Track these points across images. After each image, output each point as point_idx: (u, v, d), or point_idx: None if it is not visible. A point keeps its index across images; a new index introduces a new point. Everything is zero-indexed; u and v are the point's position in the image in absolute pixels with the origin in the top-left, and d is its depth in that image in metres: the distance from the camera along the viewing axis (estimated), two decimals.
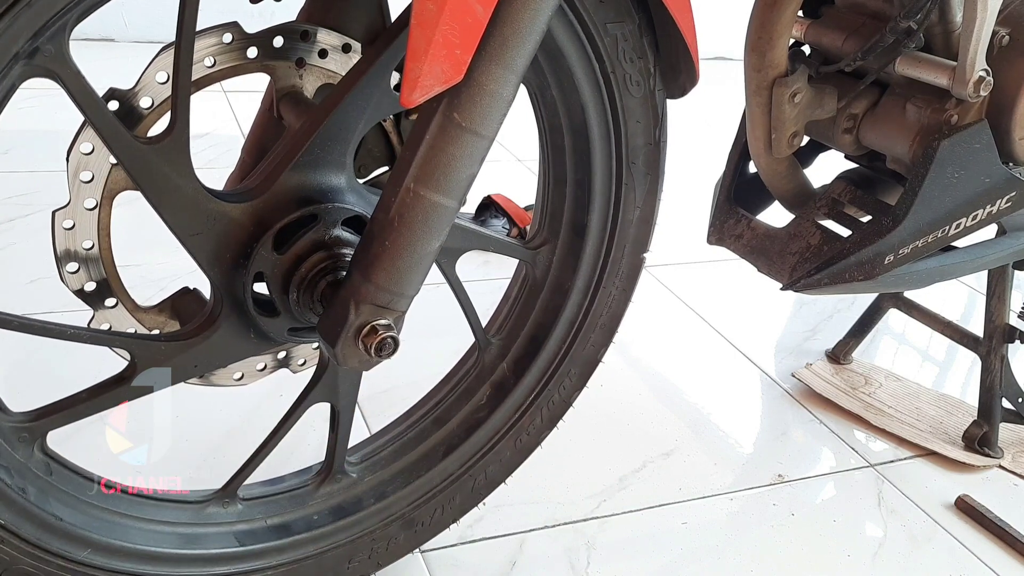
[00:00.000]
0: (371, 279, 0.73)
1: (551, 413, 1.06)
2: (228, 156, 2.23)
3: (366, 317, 0.74)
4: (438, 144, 0.70)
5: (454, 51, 0.67)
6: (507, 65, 0.68)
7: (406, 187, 0.71)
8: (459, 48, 0.67)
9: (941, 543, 1.31)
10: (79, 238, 0.79)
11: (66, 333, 0.78)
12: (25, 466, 0.80)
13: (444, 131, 0.70)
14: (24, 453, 0.80)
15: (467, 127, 0.69)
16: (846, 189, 1.18)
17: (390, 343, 0.75)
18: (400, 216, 0.71)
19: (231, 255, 0.80)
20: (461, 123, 0.69)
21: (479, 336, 1.01)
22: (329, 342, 0.75)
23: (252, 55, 0.80)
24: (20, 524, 0.79)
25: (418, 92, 0.66)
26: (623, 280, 1.01)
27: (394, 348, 0.75)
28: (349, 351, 0.75)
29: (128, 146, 0.72)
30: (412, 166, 0.71)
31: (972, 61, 1.00)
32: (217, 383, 0.91)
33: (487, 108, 0.69)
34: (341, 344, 0.74)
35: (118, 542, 0.85)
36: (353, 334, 0.74)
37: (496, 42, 0.68)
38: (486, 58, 0.68)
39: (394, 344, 0.75)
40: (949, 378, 1.77)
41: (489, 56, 0.68)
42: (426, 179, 0.71)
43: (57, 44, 0.66)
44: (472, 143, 0.70)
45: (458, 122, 0.69)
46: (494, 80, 0.68)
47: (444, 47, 0.66)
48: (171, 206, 0.75)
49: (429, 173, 0.71)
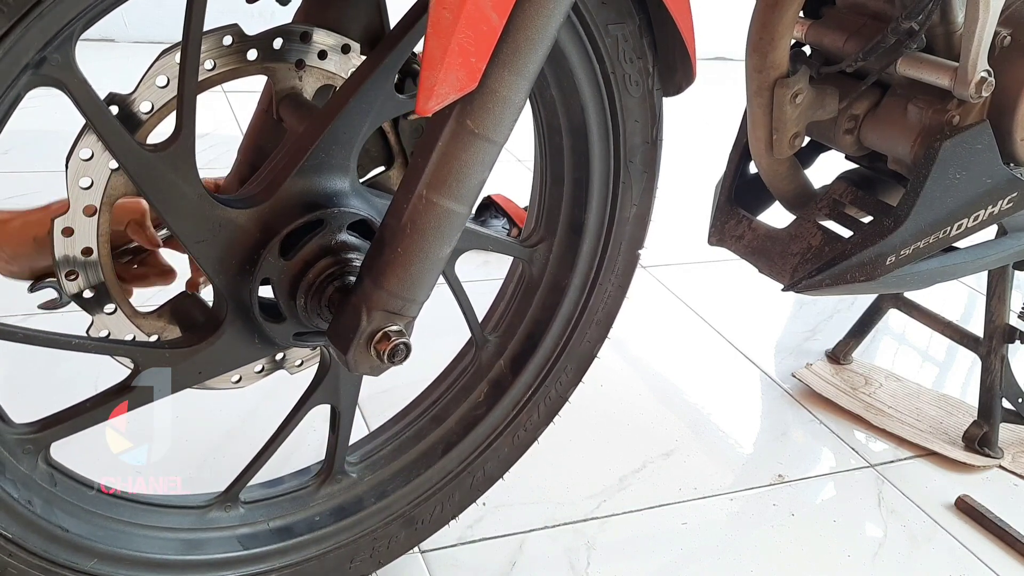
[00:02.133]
0: (383, 285, 0.73)
1: (548, 408, 1.07)
2: (228, 156, 2.22)
3: (378, 323, 0.74)
4: (451, 151, 0.70)
5: (469, 59, 0.67)
6: (519, 72, 0.69)
7: (418, 194, 0.71)
8: (474, 56, 0.67)
9: (941, 543, 1.31)
10: (78, 244, 0.79)
11: (71, 344, 0.77)
12: (30, 478, 0.79)
13: (457, 138, 0.70)
14: (28, 465, 0.79)
15: (480, 134, 0.69)
16: (847, 190, 1.18)
17: (403, 349, 0.75)
18: (412, 223, 0.72)
19: (237, 261, 0.79)
20: (474, 130, 0.69)
21: (476, 334, 1.01)
22: (341, 349, 0.75)
23: (252, 57, 0.80)
24: (27, 537, 0.78)
25: (434, 100, 0.66)
26: (619, 277, 1.02)
27: (406, 354, 0.75)
28: (361, 357, 0.75)
29: (133, 153, 0.72)
30: (425, 173, 0.71)
31: (974, 62, 1.00)
32: (215, 386, 0.91)
33: (499, 114, 0.69)
34: (353, 351, 0.74)
35: (123, 550, 0.85)
36: (365, 340, 0.74)
37: (509, 49, 0.68)
38: (499, 65, 0.68)
39: (406, 350, 0.75)
40: (949, 378, 1.77)
41: (502, 63, 0.68)
42: (439, 186, 0.71)
43: (64, 53, 0.66)
44: (484, 149, 0.70)
45: (471, 129, 0.69)
46: (507, 87, 0.68)
47: (460, 55, 0.66)
48: (177, 213, 0.75)
49: (442, 180, 0.71)
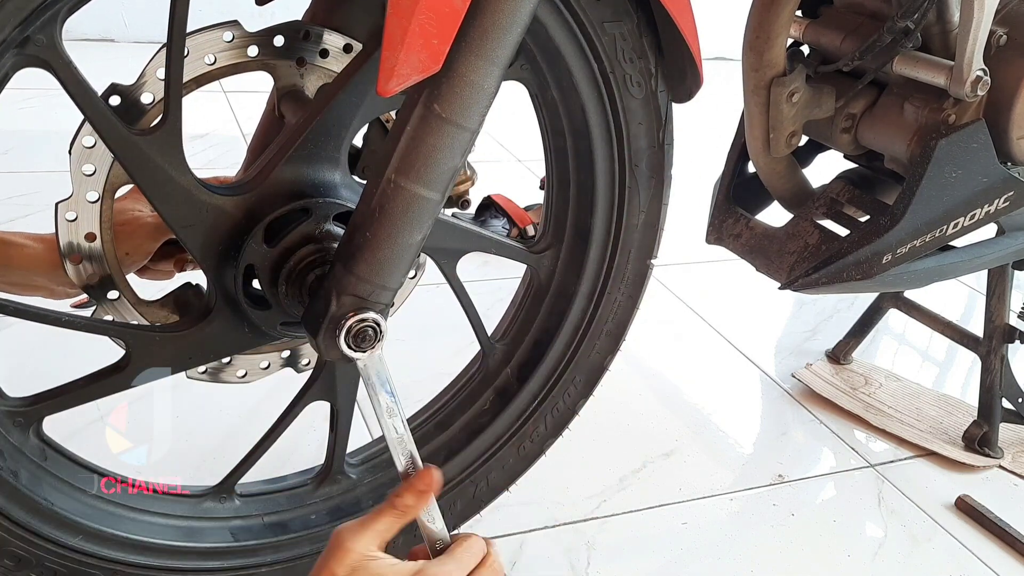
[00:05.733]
0: (352, 270, 0.73)
1: (556, 421, 1.05)
2: (228, 156, 2.24)
3: (346, 308, 0.74)
4: (419, 135, 0.70)
5: (431, 40, 0.66)
6: (487, 56, 0.68)
7: (387, 178, 0.71)
8: (436, 38, 0.66)
9: (941, 543, 1.31)
10: (81, 231, 0.80)
11: (62, 320, 0.78)
12: (19, 450, 0.80)
13: (424, 122, 0.69)
14: (19, 437, 0.80)
15: (447, 118, 0.69)
16: (844, 189, 1.19)
17: (370, 333, 0.74)
18: (381, 207, 0.71)
19: (223, 247, 0.80)
20: (441, 114, 0.69)
21: (483, 341, 1.00)
22: (311, 333, 0.75)
23: (253, 53, 0.81)
24: (11, 507, 0.79)
25: (394, 81, 0.66)
26: (629, 286, 1.00)
27: (376, 339, 0.75)
28: (329, 342, 0.75)
29: (121, 137, 0.72)
30: (393, 157, 0.71)
31: (969, 61, 1.00)
32: (221, 379, 0.92)
33: (468, 100, 0.69)
34: (322, 335, 0.74)
35: (111, 531, 0.85)
36: (333, 324, 0.74)
37: (476, 33, 0.67)
38: (465, 49, 0.67)
39: (375, 335, 0.74)
40: (949, 378, 1.77)
41: (469, 47, 0.67)
42: (406, 170, 0.70)
43: (48, 34, 0.66)
44: (453, 134, 0.70)
45: (438, 113, 0.69)
46: (474, 71, 0.68)
47: (420, 36, 0.66)
48: (164, 197, 0.76)
49: (410, 164, 0.70)
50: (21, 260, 0.87)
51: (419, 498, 0.74)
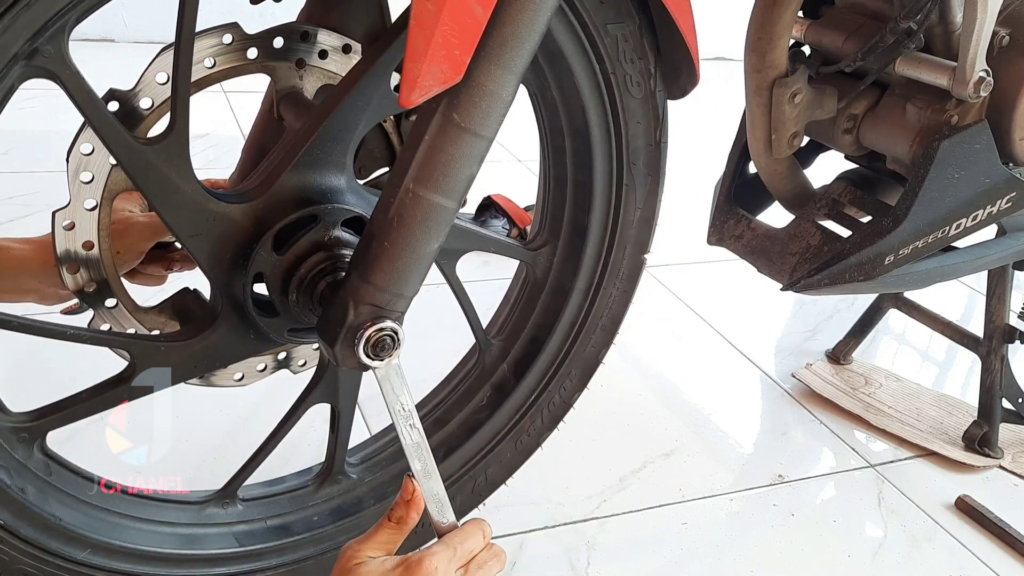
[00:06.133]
0: (370, 280, 0.73)
1: (552, 414, 1.06)
2: (228, 156, 2.23)
3: (364, 317, 0.74)
4: (437, 144, 0.70)
5: (453, 51, 0.66)
6: (506, 66, 0.68)
7: (405, 187, 0.71)
8: (458, 49, 0.66)
9: (941, 543, 1.31)
10: (79, 239, 0.79)
11: (66, 333, 0.77)
12: (24, 466, 0.80)
13: (443, 131, 0.69)
14: (24, 453, 0.80)
15: (466, 127, 0.69)
16: (846, 189, 1.18)
17: (389, 343, 0.74)
18: (399, 217, 0.71)
19: (231, 256, 0.79)
20: (460, 123, 0.69)
21: (480, 337, 1.00)
22: (328, 343, 0.75)
23: (252, 56, 0.80)
24: (19, 525, 0.79)
25: (417, 92, 0.66)
26: (624, 281, 1.01)
27: (394, 348, 0.75)
28: (348, 351, 0.75)
29: (127, 147, 0.72)
30: (411, 167, 0.71)
31: (972, 61, 1.00)
32: (217, 383, 0.91)
33: (486, 109, 0.69)
34: (340, 345, 0.74)
35: (117, 542, 0.85)
36: (351, 334, 0.74)
37: (495, 42, 0.68)
38: (485, 59, 0.68)
39: (393, 343, 0.75)
40: (949, 378, 1.77)
41: (488, 56, 0.68)
42: (425, 180, 0.70)
43: (56, 45, 0.66)
44: (471, 143, 0.70)
45: (457, 122, 0.69)
46: (493, 80, 0.68)
47: (443, 47, 0.66)
48: (171, 206, 0.75)
49: (428, 174, 0.70)
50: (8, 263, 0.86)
51: (408, 508, 0.74)
